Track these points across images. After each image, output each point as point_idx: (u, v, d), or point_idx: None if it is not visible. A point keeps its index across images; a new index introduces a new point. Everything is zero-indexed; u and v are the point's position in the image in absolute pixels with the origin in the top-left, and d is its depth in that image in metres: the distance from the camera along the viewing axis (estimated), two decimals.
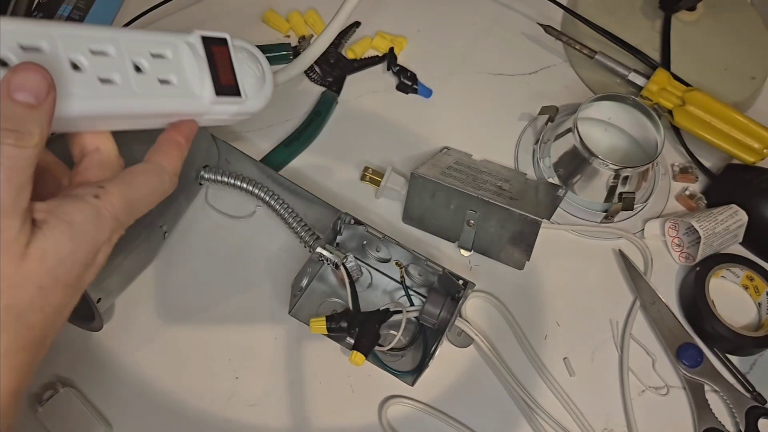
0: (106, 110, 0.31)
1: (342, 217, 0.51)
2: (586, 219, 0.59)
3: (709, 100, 0.59)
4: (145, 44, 0.33)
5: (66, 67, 0.30)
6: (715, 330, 0.53)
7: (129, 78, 0.32)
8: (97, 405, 0.48)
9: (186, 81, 0.35)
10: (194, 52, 0.35)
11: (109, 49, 0.32)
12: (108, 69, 0.31)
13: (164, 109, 0.34)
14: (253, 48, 0.39)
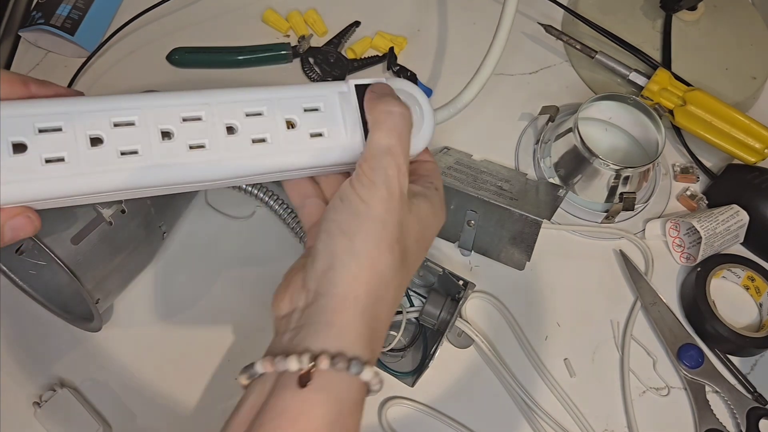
0: (256, 169, 0.33)
1: None
2: (586, 219, 0.58)
3: (710, 99, 0.59)
4: (297, 100, 0.34)
5: (222, 133, 0.32)
6: (716, 330, 0.53)
7: (279, 135, 0.33)
8: (96, 405, 0.48)
9: (338, 131, 0.35)
10: (346, 100, 0.35)
11: (262, 110, 0.33)
12: (260, 130, 0.33)
13: (313, 162, 0.34)
14: (413, 88, 0.37)
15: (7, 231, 0.29)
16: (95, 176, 0.30)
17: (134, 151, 0.30)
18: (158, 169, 0.31)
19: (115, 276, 0.46)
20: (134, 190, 0.31)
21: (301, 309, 0.31)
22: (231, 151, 0.32)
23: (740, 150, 0.59)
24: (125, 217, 0.45)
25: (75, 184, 0.29)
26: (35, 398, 0.47)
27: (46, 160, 0.29)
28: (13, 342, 0.50)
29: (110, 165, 0.30)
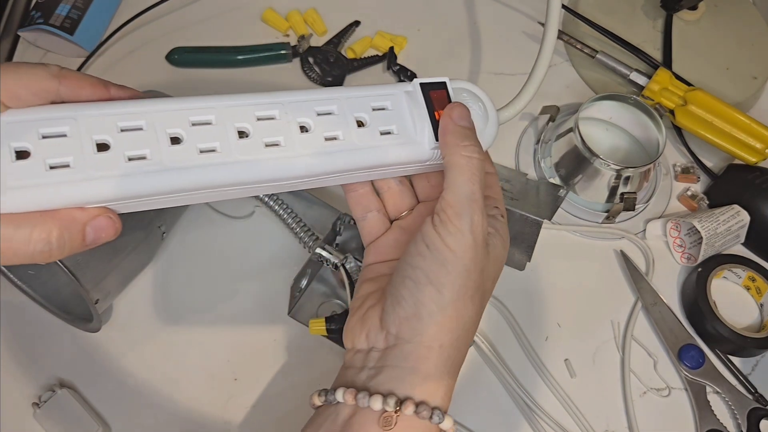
0: (329, 168, 0.33)
1: (341, 217, 0.50)
2: (587, 219, 0.58)
3: (711, 99, 0.59)
4: (365, 99, 0.35)
5: (295, 131, 0.33)
6: (717, 331, 0.53)
7: (351, 133, 0.34)
8: (95, 406, 0.48)
9: (406, 129, 0.35)
10: (413, 99, 0.36)
11: (332, 109, 0.34)
12: (332, 128, 0.34)
13: (384, 160, 0.35)
14: (475, 88, 0.38)
15: (90, 232, 0.29)
16: (177, 173, 0.30)
17: (214, 148, 0.31)
18: (237, 166, 0.31)
19: (114, 276, 0.46)
20: (216, 189, 0.32)
21: (381, 350, 0.32)
22: (305, 149, 0.33)
23: (741, 150, 0.59)
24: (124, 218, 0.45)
25: (158, 181, 0.30)
26: (34, 399, 0.47)
27: (129, 158, 0.29)
28: (12, 342, 0.50)
29: (192, 161, 0.30)
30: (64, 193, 0.28)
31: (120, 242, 0.45)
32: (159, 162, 0.30)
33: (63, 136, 0.28)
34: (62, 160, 0.28)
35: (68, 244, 0.28)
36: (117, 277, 0.46)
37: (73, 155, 0.28)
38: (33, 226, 0.27)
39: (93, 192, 0.28)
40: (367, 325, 0.33)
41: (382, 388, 0.31)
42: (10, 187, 0.27)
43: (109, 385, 0.49)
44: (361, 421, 0.31)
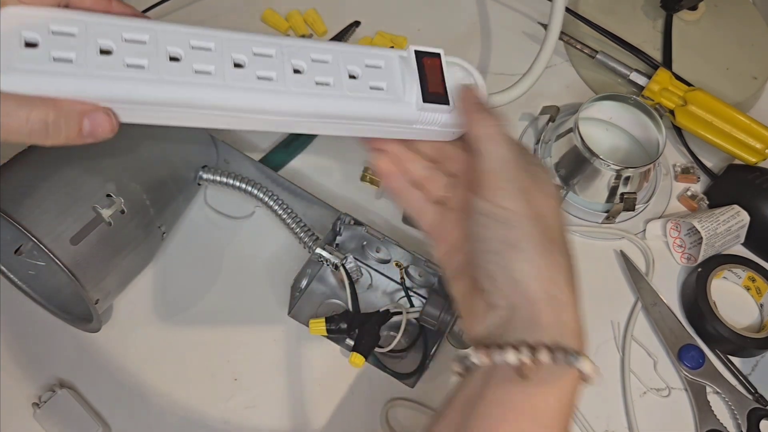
0: (319, 110, 0.35)
1: (342, 217, 0.50)
2: (587, 220, 0.58)
3: (711, 100, 0.59)
4: (360, 56, 0.37)
5: (289, 71, 0.35)
6: (717, 331, 0.53)
7: (342, 82, 0.36)
8: (95, 406, 0.48)
9: (395, 89, 0.37)
10: (406, 63, 0.37)
11: (327, 58, 0.36)
12: (324, 74, 0.35)
13: (372, 113, 0.36)
14: (468, 65, 0.40)
15: (87, 124, 0.31)
16: (169, 86, 0.32)
17: (209, 71, 0.33)
18: (227, 90, 0.33)
19: (114, 276, 0.46)
20: (204, 111, 0.33)
21: (503, 324, 0.32)
22: (295, 87, 0.34)
23: (741, 150, 0.59)
24: (124, 218, 0.45)
25: (151, 90, 0.32)
26: (34, 399, 0.47)
27: (127, 64, 0.31)
28: (12, 342, 0.50)
29: (186, 78, 0.32)
30: (63, 84, 0.30)
31: (120, 242, 0.45)
32: (155, 73, 0.32)
33: (71, 35, 0.31)
34: (67, 56, 0.30)
35: (64, 130, 0.31)
36: (117, 277, 0.46)
37: (77, 53, 0.30)
38: (32, 108, 0.30)
39: (90, 88, 0.31)
40: (479, 313, 0.33)
41: (512, 341, 0.31)
42: (15, 68, 0.29)
43: (109, 385, 0.49)
44: (501, 379, 0.31)
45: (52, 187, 0.43)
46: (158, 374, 0.49)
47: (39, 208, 0.42)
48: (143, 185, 0.46)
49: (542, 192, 0.34)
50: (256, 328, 0.51)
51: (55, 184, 0.43)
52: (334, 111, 0.36)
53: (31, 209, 0.41)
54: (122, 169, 0.46)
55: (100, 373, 0.49)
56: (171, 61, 0.32)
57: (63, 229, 0.42)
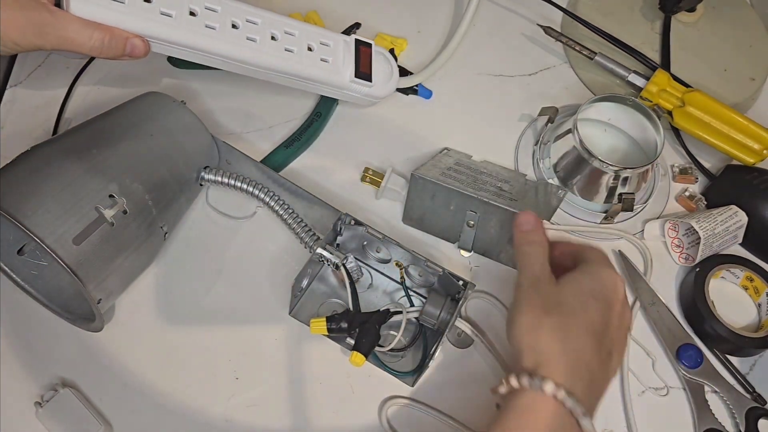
0: (284, 68, 0.50)
1: (342, 217, 0.51)
2: (585, 220, 0.59)
3: (709, 101, 0.59)
4: (318, 35, 0.51)
5: (268, 38, 0.49)
6: (715, 331, 0.53)
7: (303, 52, 0.50)
8: (97, 405, 0.48)
9: (337, 62, 0.52)
10: (347, 47, 0.52)
11: (295, 33, 0.50)
12: (290, 45, 0.50)
13: (319, 77, 0.51)
14: (389, 55, 0.55)
15: (128, 45, 0.44)
16: (187, 32, 0.46)
17: (214, 27, 0.47)
18: (226, 44, 0.48)
19: (116, 276, 0.46)
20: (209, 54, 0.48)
21: None
22: (271, 50, 0.49)
23: (739, 151, 0.59)
24: (127, 218, 0.45)
25: (174, 32, 0.46)
26: (37, 398, 0.47)
27: (161, 12, 0.45)
28: (14, 342, 0.50)
29: (199, 30, 0.46)
30: (117, 18, 0.44)
31: (122, 242, 0.45)
32: (179, 21, 0.46)
33: None
34: None
35: (114, 48, 0.44)
36: (119, 276, 0.47)
37: None
38: (94, 30, 0.43)
39: (135, 24, 0.44)
40: None
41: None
42: (86, 1, 0.42)
43: (111, 384, 0.49)
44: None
45: (55, 187, 0.43)
46: (160, 373, 0.50)
47: (42, 208, 0.42)
48: (145, 185, 0.47)
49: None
50: (257, 328, 0.52)
51: (58, 184, 0.43)
52: (293, 71, 0.50)
53: (34, 209, 0.42)
54: (125, 169, 0.46)
55: (103, 373, 0.49)
56: (190, 15, 0.46)
57: (65, 229, 0.42)
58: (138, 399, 0.49)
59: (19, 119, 0.59)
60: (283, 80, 0.51)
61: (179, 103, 0.53)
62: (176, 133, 0.51)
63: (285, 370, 0.50)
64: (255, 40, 0.48)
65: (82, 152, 0.46)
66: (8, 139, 0.57)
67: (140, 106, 0.52)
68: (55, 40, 0.42)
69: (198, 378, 0.50)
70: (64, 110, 0.59)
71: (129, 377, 0.49)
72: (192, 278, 0.53)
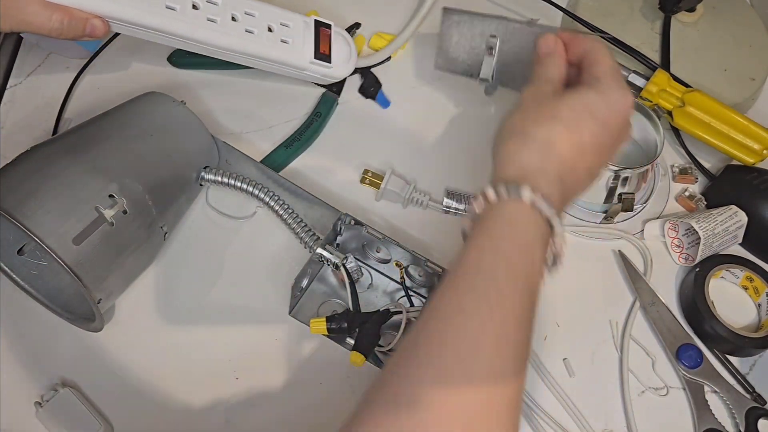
0: (245, 49, 0.51)
1: (342, 217, 0.51)
2: (585, 220, 0.59)
3: (709, 101, 0.59)
4: (278, 16, 0.52)
5: (228, 18, 0.50)
6: (715, 331, 0.53)
7: (263, 33, 0.51)
8: (98, 405, 0.48)
9: (297, 43, 0.52)
10: (308, 27, 0.53)
11: (255, 13, 0.51)
12: (251, 26, 0.50)
13: (278, 58, 0.52)
14: (348, 36, 0.56)
15: (88, 27, 0.45)
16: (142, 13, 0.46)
17: (174, 8, 0.47)
18: (184, 25, 0.48)
19: (116, 276, 0.46)
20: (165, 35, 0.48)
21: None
22: (232, 30, 0.50)
23: (739, 151, 0.59)
24: (127, 218, 0.45)
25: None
26: (37, 398, 0.47)
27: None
28: (14, 342, 0.50)
29: (159, 11, 0.47)
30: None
31: (122, 242, 0.45)
32: (136, 2, 0.46)
33: None
34: None
35: (74, 29, 0.44)
36: (119, 276, 0.47)
37: None
38: (53, 11, 0.43)
39: (93, 4, 0.44)
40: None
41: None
42: None
43: (111, 384, 0.49)
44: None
45: (55, 187, 0.43)
46: (160, 373, 0.50)
47: (42, 208, 0.42)
48: (145, 186, 0.47)
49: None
50: (257, 328, 0.52)
51: (58, 184, 0.43)
52: (253, 51, 0.51)
53: (34, 209, 0.42)
54: (124, 169, 0.46)
55: (103, 372, 0.49)
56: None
57: (66, 229, 0.42)
58: (138, 399, 0.49)
59: (19, 119, 0.59)
60: (244, 61, 0.52)
61: (179, 103, 0.53)
62: (176, 133, 0.51)
63: (285, 370, 0.50)
64: (215, 21, 0.49)
65: (82, 152, 0.46)
66: (8, 139, 0.57)
67: (140, 106, 0.52)
68: (14, 22, 0.43)
69: (198, 378, 0.50)
70: (64, 110, 0.59)
71: (129, 377, 0.49)
72: (192, 278, 0.53)
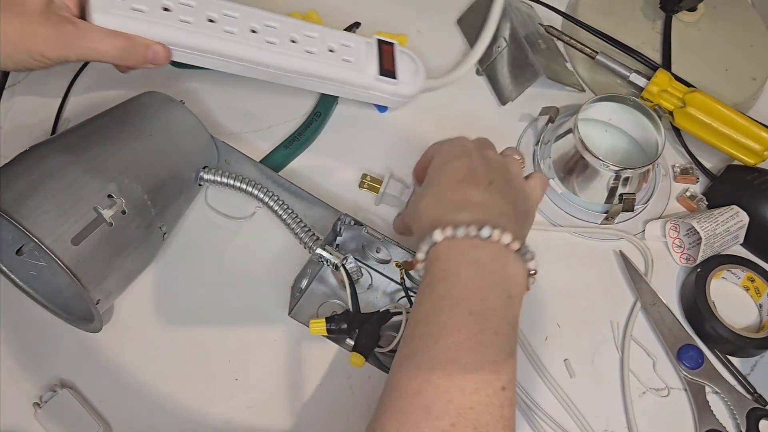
0: (305, 69, 0.50)
1: (342, 218, 0.51)
2: (586, 220, 0.58)
3: (710, 101, 0.59)
4: (338, 37, 0.52)
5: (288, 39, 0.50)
6: (716, 331, 0.53)
7: (324, 53, 0.51)
8: (96, 406, 0.48)
9: (360, 62, 0.52)
10: (370, 47, 0.53)
11: (315, 36, 0.51)
12: (312, 46, 0.50)
13: (342, 77, 0.52)
14: (414, 55, 0.56)
15: (150, 53, 0.46)
16: (207, 38, 0.47)
17: (232, 32, 0.48)
18: (249, 48, 0.48)
19: (115, 276, 0.46)
20: (226, 59, 0.49)
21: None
22: (291, 51, 0.50)
23: (739, 152, 0.59)
24: (125, 218, 0.45)
25: (194, 39, 0.47)
26: (35, 399, 0.47)
27: (180, 20, 0.46)
28: (12, 342, 0.50)
29: (217, 35, 0.47)
30: (138, 26, 0.45)
31: (121, 242, 0.45)
32: (198, 27, 0.47)
33: None
34: (140, 7, 0.45)
35: (136, 56, 0.45)
36: (118, 277, 0.47)
37: (147, 7, 0.45)
38: (116, 38, 0.44)
39: (155, 31, 0.45)
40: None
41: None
42: (107, 11, 0.44)
43: (110, 385, 0.49)
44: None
45: (54, 187, 0.43)
46: (159, 374, 0.49)
47: (40, 208, 0.42)
48: (144, 186, 0.46)
49: None
50: (256, 328, 0.52)
51: (57, 184, 0.43)
52: (316, 72, 0.51)
53: (33, 210, 0.41)
54: (123, 169, 0.46)
55: (101, 373, 0.49)
56: (209, 21, 0.47)
57: (64, 229, 0.42)
58: (137, 400, 0.49)
59: (18, 119, 0.58)
60: (307, 83, 0.52)
61: (178, 103, 0.52)
62: (175, 132, 0.51)
63: (284, 371, 0.50)
64: (274, 43, 0.49)
65: (81, 152, 0.46)
66: (7, 139, 0.57)
67: (139, 105, 0.51)
68: (80, 50, 0.43)
69: (197, 379, 0.50)
70: (63, 110, 0.59)
71: (128, 378, 0.49)
72: (191, 279, 0.53)
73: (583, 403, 0.51)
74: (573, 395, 0.51)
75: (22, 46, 0.42)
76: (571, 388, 0.51)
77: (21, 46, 0.42)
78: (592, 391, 0.52)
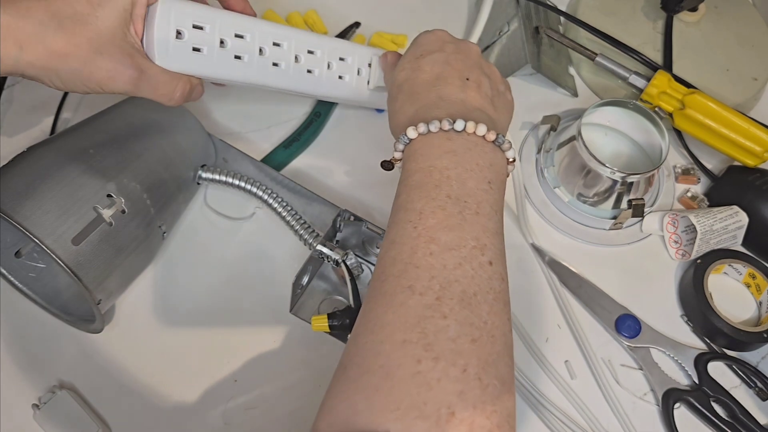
0: (303, 89, 0.50)
1: (342, 213, 0.50)
2: (593, 227, 0.58)
3: (709, 103, 0.58)
4: (336, 51, 0.51)
5: (292, 59, 0.48)
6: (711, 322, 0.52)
7: (323, 72, 0.50)
8: (95, 407, 0.48)
9: (353, 78, 0.52)
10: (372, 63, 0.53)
11: (317, 52, 0.50)
12: (313, 64, 0.50)
13: (337, 94, 0.52)
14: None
15: (195, 93, 0.45)
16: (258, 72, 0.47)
17: (278, 64, 0.48)
18: (256, 69, 0.47)
19: (116, 276, 0.46)
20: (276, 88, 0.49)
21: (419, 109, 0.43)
22: (294, 71, 0.49)
23: (739, 154, 0.59)
24: (125, 218, 0.45)
25: (245, 74, 0.46)
26: (34, 400, 0.47)
27: (235, 56, 0.45)
28: (12, 343, 0.50)
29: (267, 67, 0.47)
30: (198, 69, 0.44)
31: (121, 242, 0.45)
32: (249, 62, 0.46)
33: (203, 29, 0.43)
34: (200, 46, 0.44)
35: (190, 98, 0.45)
36: (118, 276, 0.46)
37: (207, 47, 0.44)
38: (178, 82, 0.43)
39: (210, 72, 0.45)
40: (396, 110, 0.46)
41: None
42: (169, 54, 0.42)
43: (109, 386, 0.49)
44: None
45: (53, 187, 0.43)
46: (158, 375, 0.49)
47: (40, 209, 0.42)
48: (143, 185, 0.46)
49: None
50: (257, 328, 0.51)
51: (56, 184, 0.43)
52: (312, 92, 0.51)
53: (32, 210, 0.41)
54: (122, 168, 0.46)
55: (100, 374, 0.49)
56: (259, 54, 0.47)
57: (64, 229, 0.42)
58: (136, 401, 0.48)
59: (17, 119, 0.58)
60: (308, 92, 0.52)
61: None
62: (173, 131, 0.51)
63: (285, 371, 0.50)
64: (279, 65, 0.48)
65: (80, 152, 0.45)
66: (5, 140, 0.57)
67: (137, 105, 0.51)
68: (144, 93, 0.42)
69: (197, 380, 0.49)
70: (62, 110, 0.59)
71: (126, 379, 0.49)
72: (190, 279, 0.53)
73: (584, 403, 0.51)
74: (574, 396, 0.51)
75: (85, 71, 0.39)
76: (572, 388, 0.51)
77: (81, 72, 0.39)
78: (593, 392, 0.51)
